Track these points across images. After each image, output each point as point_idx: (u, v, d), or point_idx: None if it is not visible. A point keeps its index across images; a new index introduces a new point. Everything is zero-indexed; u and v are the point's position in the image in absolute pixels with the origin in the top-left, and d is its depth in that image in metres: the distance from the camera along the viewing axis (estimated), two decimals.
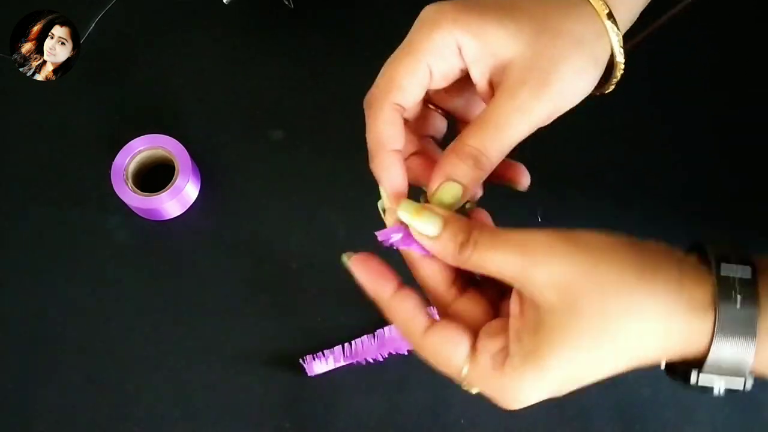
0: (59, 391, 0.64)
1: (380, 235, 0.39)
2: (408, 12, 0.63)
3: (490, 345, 0.37)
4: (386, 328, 0.64)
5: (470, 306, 0.40)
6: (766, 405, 0.63)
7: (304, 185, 0.70)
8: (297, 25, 0.76)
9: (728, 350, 0.34)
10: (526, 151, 0.73)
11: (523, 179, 0.45)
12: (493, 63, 0.40)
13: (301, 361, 0.63)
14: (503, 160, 0.42)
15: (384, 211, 0.41)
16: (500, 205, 0.68)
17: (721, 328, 0.34)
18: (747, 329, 0.34)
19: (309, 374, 0.63)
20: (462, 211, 0.40)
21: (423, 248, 0.39)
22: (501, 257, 0.36)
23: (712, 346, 0.35)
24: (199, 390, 0.64)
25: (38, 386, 0.64)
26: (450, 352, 0.38)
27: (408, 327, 0.39)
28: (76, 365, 0.65)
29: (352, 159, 0.75)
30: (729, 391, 0.36)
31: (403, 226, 0.39)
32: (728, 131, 0.72)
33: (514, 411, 0.38)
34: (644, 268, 0.35)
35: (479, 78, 0.41)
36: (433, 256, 0.39)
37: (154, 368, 0.65)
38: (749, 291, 0.34)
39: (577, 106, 0.44)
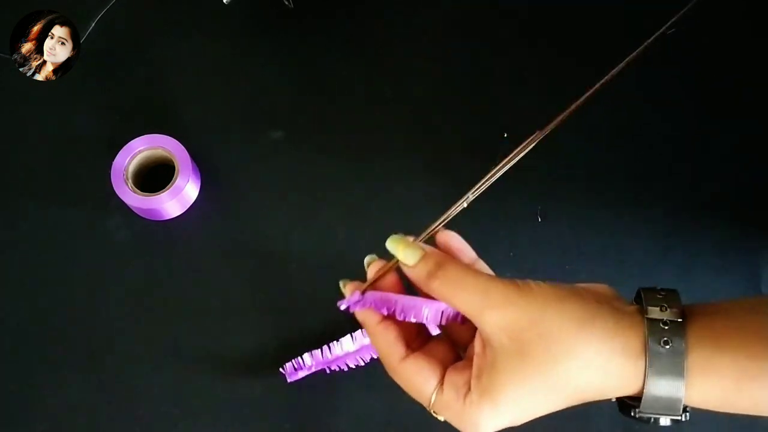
0: (59, 391, 0.64)
1: (341, 303, 0.45)
2: (407, 12, 0.63)
3: (455, 379, 0.42)
4: (362, 331, 0.63)
5: (438, 348, 0.45)
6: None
7: (304, 185, 0.70)
8: (297, 25, 0.76)
9: (661, 390, 0.39)
10: (527, 152, 0.73)
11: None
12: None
13: (281, 369, 0.63)
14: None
15: (344, 285, 0.46)
16: (501, 205, 0.69)
17: (651, 370, 0.38)
18: (676, 370, 0.38)
19: (289, 381, 0.63)
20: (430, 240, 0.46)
21: (379, 308, 0.44)
22: (465, 296, 0.41)
23: (645, 387, 0.39)
24: (199, 390, 0.64)
25: (38, 386, 0.64)
26: (420, 383, 0.43)
27: (387, 353, 0.44)
28: (76, 365, 0.65)
29: (352, 159, 0.75)
30: (675, 422, 0.40)
31: (359, 294, 0.44)
32: (728, 131, 0.72)
33: None
34: (584, 317, 0.39)
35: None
36: (388, 321, 0.44)
37: (154, 368, 0.65)
38: (677, 334, 0.38)
39: (576, 106, 0.44)
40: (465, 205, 0.44)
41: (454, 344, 0.46)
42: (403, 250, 0.44)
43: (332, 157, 0.71)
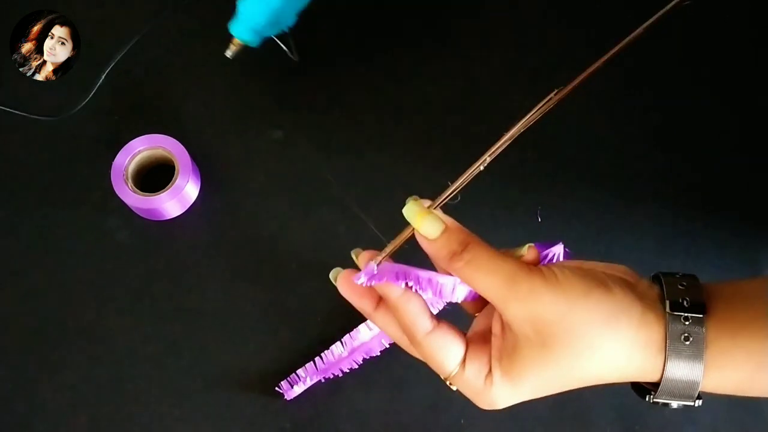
0: (59, 391, 0.64)
1: (357, 278, 0.41)
2: (410, 8, 0.62)
3: (478, 356, 0.42)
4: (350, 334, 0.63)
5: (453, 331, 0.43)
6: (766, 405, 0.63)
7: (304, 185, 0.70)
8: (297, 24, 0.75)
9: (679, 380, 0.39)
10: (527, 152, 0.74)
11: None
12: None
13: (277, 389, 0.63)
14: None
15: (357, 256, 0.43)
16: (501, 206, 0.69)
17: (670, 364, 0.39)
18: (694, 363, 0.39)
19: (287, 399, 0.63)
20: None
21: (397, 280, 0.41)
22: (489, 281, 0.40)
23: (662, 379, 0.39)
24: (198, 390, 0.64)
25: (38, 386, 0.64)
26: (445, 356, 0.42)
27: (412, 326, 0.42)
28: (76, 365, 0.65)
29: (351, 159, 0.75)
30: (685, 406, 0.41)
31: (376, 266, 0.41)
32: (729, 131, 0.72)
33: (515, 410, 0.43)
34: (611, 313, 0.39)
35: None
36: (410, 293, 0.41)
37: (154, 368, 0.65)
38: (697, 328, 0.39)
39: (576, 106, 0.44)
40: (482, 168, 0.41)
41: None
42: (422, 220, 0.41)
43: (332, 156, 0.71)
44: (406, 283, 0.41)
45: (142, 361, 0.65)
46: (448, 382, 0.43)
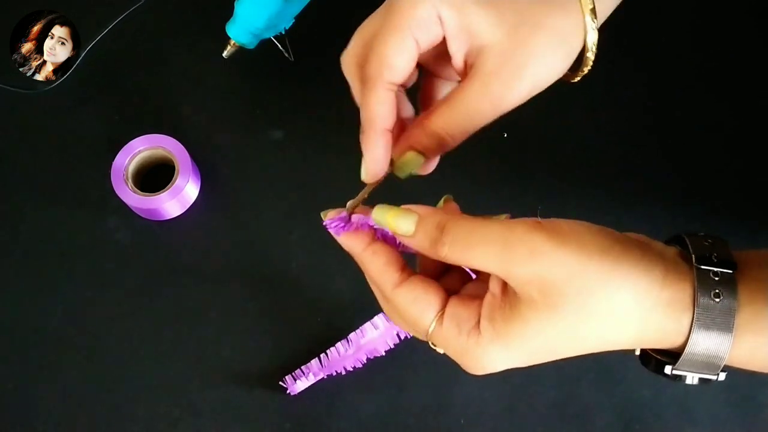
0: (59, 391, 0.64)
1: (326, 222, 0.41)
2: None
3: (458, 312, 0.38)
4: (357, 331, 0.63)
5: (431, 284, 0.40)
6: (766, 405, 0.63)
7: (304, 185, 0.70)
8: (297, 25, 0.76)
9: (704, 347, 0.35)
10: (527, 151, 0.74)
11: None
12: (471, 43, 0.41)
13: (281, 383, 0.63)
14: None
15: (326, 214, 0.42)
16: (500, 204, 0.68)
17: (698, 325, 0.34)
18: (724, 326, 0.34)
19: (292, 394, 0.63)
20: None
21: (369, 229, 0.40)
22: (481, 255, 0.36)
23: (688, 343, 0.35)
24: (199, 390, 0.64)
25: (38, 386, 0.64)
26: (417, 312, 0.38)
27: (378, 282, 0.39)
28: (76, 365, 0.65)
29: (351, 159, 0.75)
30: (703, 381, 0.37)
31: (347, 214, 0.41)
32: (728, 130, 0.72)
33: (515, 410, 0.38)
34: (629, 273, 0.35)
35: (456, 52, 0.42)
36: (377, 245, 0.40)
37: (154, 368, 0.65)
38: (728, 286, 0.34)
39: (576, 105, 0.44)
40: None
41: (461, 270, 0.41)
42: (394, 218, 0.38)
43: (332, 157, 0.71)
44: (378, 234, 0.39)
45: (142, 360, 0.65)
46: (431, 344, 0.39)
